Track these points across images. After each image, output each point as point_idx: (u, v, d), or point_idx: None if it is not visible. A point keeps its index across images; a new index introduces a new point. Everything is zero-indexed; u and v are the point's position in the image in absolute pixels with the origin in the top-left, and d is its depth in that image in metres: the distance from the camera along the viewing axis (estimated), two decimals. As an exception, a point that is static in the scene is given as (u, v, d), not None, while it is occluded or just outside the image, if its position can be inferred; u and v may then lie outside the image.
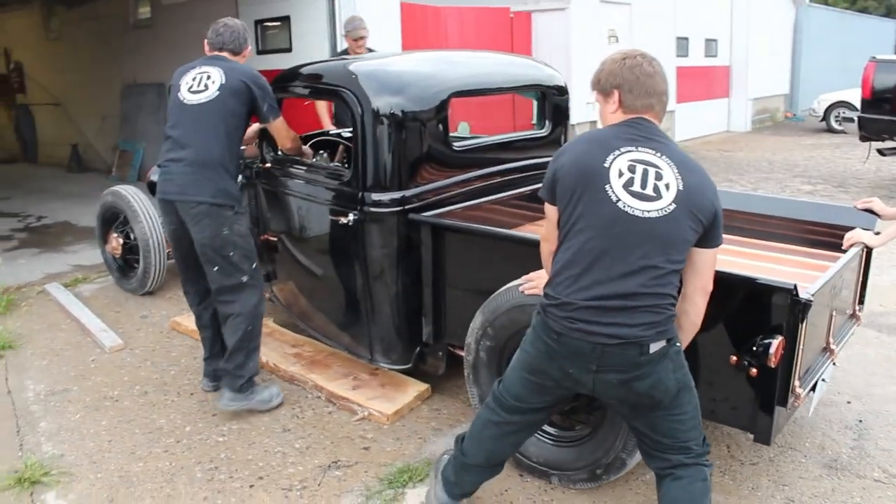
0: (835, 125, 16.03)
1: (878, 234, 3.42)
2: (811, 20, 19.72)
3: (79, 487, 3.20)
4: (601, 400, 2.42)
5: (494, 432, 2.64)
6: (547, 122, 4.37)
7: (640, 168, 2.26)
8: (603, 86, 2.42)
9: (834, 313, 3.09)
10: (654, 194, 2.23)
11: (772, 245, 3.76)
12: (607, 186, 2.24)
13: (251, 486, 3.19)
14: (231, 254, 3.59)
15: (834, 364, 3.18)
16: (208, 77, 3.64)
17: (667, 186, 2.24)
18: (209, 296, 3.80)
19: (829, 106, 16.27)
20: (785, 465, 3.31)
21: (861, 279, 3.54)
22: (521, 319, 2.96)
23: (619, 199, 2.23)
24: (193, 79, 3.66)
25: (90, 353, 4.62)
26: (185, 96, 3.63)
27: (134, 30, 10.98)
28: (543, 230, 2.56)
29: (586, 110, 11.05)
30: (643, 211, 2.22)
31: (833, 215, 3.65)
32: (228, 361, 3.69)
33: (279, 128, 3.85)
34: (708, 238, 2.32)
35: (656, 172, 2.26)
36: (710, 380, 2.71)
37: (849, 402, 3.87)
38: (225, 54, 3.77)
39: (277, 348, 4.40)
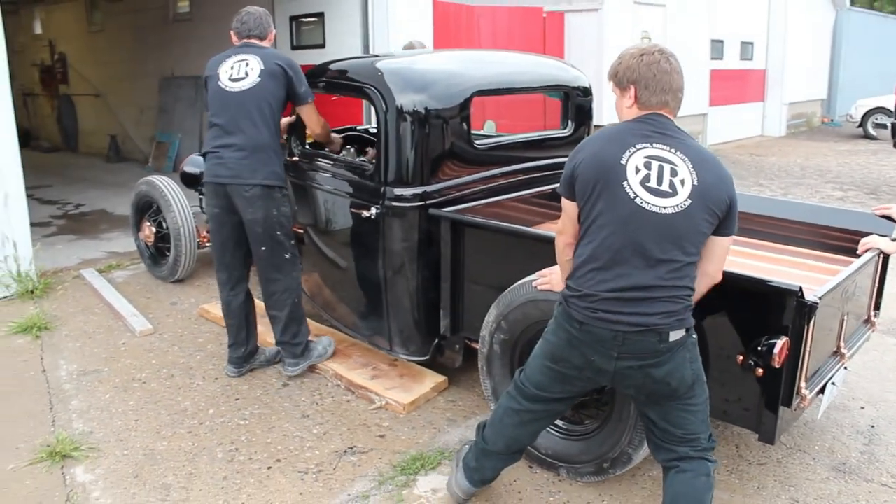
0: (872, 131, 15.82)
1: (895, 240, 3.43)
2: (851, 23, 19.41)
3: (106, 463, 3.34)
4: (619, 390, 2.48)
5: (514, 420, 2.72)
6: (570, 122, 4.43)
7: (655, 164, 2.32)
8: (620, 80, 2.46)
9: (846, 318, 3.11)
10: (670, 190, 2.30)
11: (788, 249, 3.79)
12: (625, 183, 2.31)
13: (269, 468, 3.30)
14: (278, 233, 3.84)
15: (846, 368, 3.21)
16: (247, 64, 3.78)
17: (682, 182, 2.31)
18: (241, 283, 4.05)
19: (867, 112, 16.04)
20: (793, 467, 3.34)
21: (877, 285, 3.55)
22: (534, 314, 3.06)
23: (636, 196, 2.30)
24: (232, 67, 3.80)
25: (121, 336, 4.78)
26: (228, 84, 3.77)
27: (173, 23, 11.20)
28: (559, 224, 2.62)
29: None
30: (660, 207, 2.29)
31: (851, 221, 3.66)
32: (284, 334, 4.00)
33: (311, 112, 4.00)
34: (722, 227, 2.40)
35: (671, 169, 2.32)
36: (717, 378, 2.76)
37: (862, 408, 3.89)
38: (254, 41, 3.91)
39: None
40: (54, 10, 14.04)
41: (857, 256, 3.38)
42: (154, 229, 5.72)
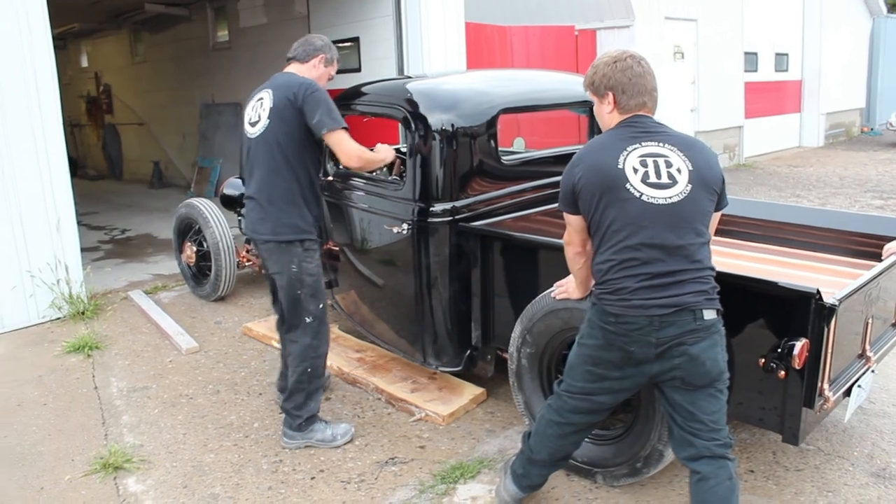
0: (912, 140, 15.61)
1: None
2: (889, 31, 19.14)
3: (156, 474, 3.48)
4: (659, 381, 2.53)
5: (556, 431, 2.81)
6: (595, 135, 4.52)
7: (650, 161, 2.46)
8: (597, 88, 2.61)
9: (871, 321, 3.13)
10: (670, 181, 2.44)
11: (814, 255, 3.84)
12: (628, 185, 2.43)
13: (312, 479, 3.40)
14: (298, 292, 3.51)
15: (873, 372, 3.22)
16: (261, 104, 3.50)
17: (678, 171, 2.45)
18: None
19: (907, 120, 15.83)
20: (831, 473, 3.34)
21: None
22: (555, 324, 3.16)
23: (641, 194, 2.42)
24: (252, 108, 3.57)
25: (168, 354, 4.94)
26: (247, 129, 3.57)
27: (213, 52, 11.54)
28: (566, 236, 2.75)
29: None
30: (666, 198, 2.42)
31: (877, 226, 3.70)
32: (287, 401, 3.64)
33: (337, 140, 3.39)
34: (719, 203, 2.60)
35: (665, 161, 2.47)
36: (741, 381, 2.81)
37: (903, 414, 3.87)
38: (291, 66, 3.61)
39: (342, 353, 4.62)
40: (100, 43, 14.55)
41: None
42: (195, 248, 5.92)
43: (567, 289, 3.02)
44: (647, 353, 2.45)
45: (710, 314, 2.44)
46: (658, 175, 2.44)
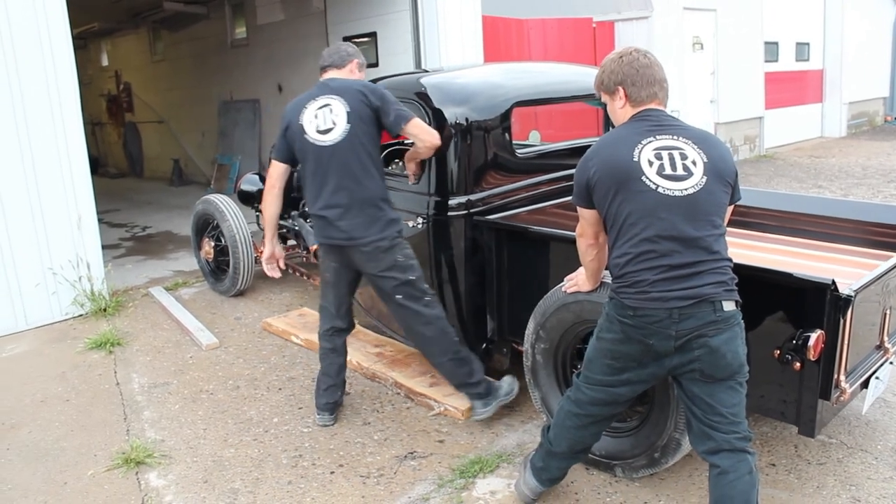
0: (937, 129, 15.39)
1: None
2: (913, 19, 18.87)
3: (177, 469, 3.51)
4: (678, 374, 2.52)
5: (575, 423, 2.81)
6: (610, 129, 4.49)
7: (665, 153, 2.46)
8: (607, 85, 2.63)
9: (889, 312, 3.10)
10: (685, 173, 2.44)
11: (833, 246, 3.80)
12: (643, 178, 2.43)
13: (332, 473, 3.42)
14: (411, 277, 3.59)
15: (891, 363, 3.18)
16: (331, 111, 3.48)
17: (693, 163, 2.45)
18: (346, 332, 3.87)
19: (933, 108, 15.61)
20: (854, 466, 3.31)
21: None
22: (567, 318, 3.17)
23: (657, 186, 2.42)
24: (316, 116, 3.50)
25: (188, 350, 4.98)
26: (316, 138, 3.48)
27: (231, 49, 11.60)
28: (579, 228, 2.76)
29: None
30: (682, 190, 2.42)
31: (894, 216, 3.65)
32: (462, 379, 3.70)
33: (418, 129, 3.52)
34: (734, 196, 2.58)
35: (681, 153, 2.46)
36: (757, 373, 2.79)
37: (928, 407, 3.82)
38: (330, 72, 3.65)
39: (361, 348, 4.63)
40: (119, 42, 14.67)
41: None
42: (213, 244, 5.96)
43: (577, 282, 3.03)
44: (667, 346, 2.44)
45: (729, 306, 2.42)
46: (674, 167, 2.44)
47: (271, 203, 3.78)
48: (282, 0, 10.21)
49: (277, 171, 3.72)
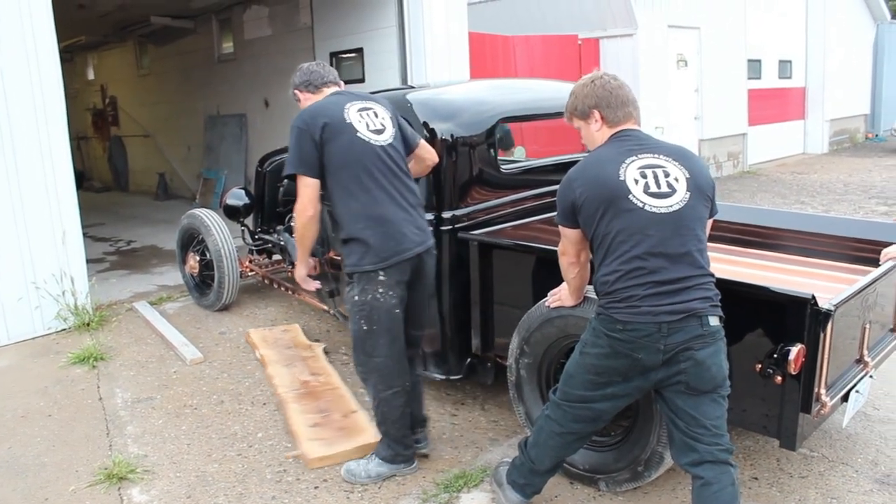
0: (917, 145, 15.63)
1: None
2: (893, 37, 19.17)
3: (160, 484, 3.49)
4: (663, 388, 2.55)
5: (558, 442, 2.84)
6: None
7: (649, 172, 2.52)
8: (581, 110, 2.69)
9: (868, 326, 3.14)
10: (670, 190, 2.50)
11: (813, 261, 3.86)
12: (630, 196, 2.48)
13: (316, 488, 3.41)
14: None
15: (871, 377, 3.22)
16: (376, 115, 3.29)
17: (676, 180, 2.52)
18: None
19: (912, 125, 15.84)
20: (835, 479, 3.34)
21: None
22: (551, 332, 3.19)
23: (644, 204, 2.47)
24: (365, 116, 3.25)
25: (173, 365, 4.96)
26: (371, 137, 3.20)
27: (218, 63, 11.61)
28: (561, 246, 2.79)
29: (655, 134, 11.07)
30: (668, 207, 2.48)
31: (874, 232, 3.73)
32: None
33: (427, 148, 3.53)
34: (711, 211, 2.65)
35: (663, 171, 2.53)
36: (739, 386, 2.82)
37: (908, 421, 3.86)
38: (334, 88, 3.43)
39: (300, 371, 4.56)
40: (106, 56, 14.66)
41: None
42: (198, 258, 5.95)
43: (561, 297, 3.06)
44: (655, 360, 2.47)
45: (714, 320, 2.48)
46: (658, 185, 2.50)
47: (312, 228, 3.23)
48: (269, 15, 10.25)
49: (313, 191, 3.15)
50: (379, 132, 3.23)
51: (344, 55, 9.02)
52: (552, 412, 2.81)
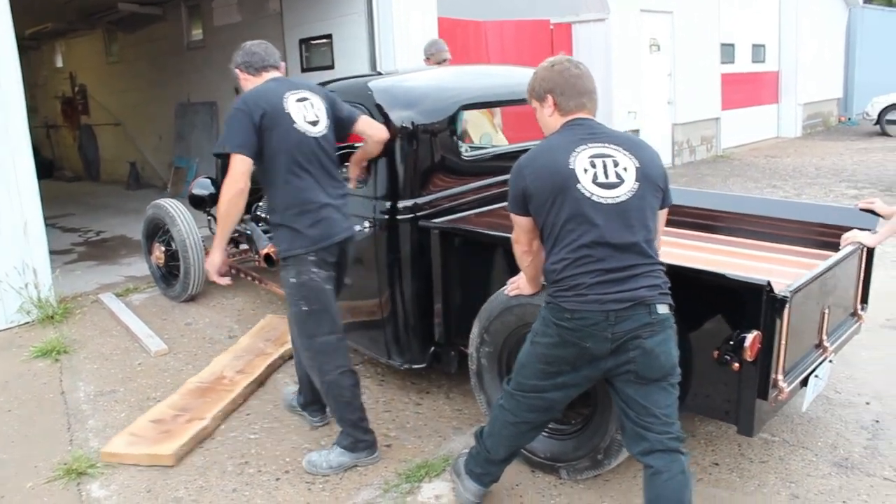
0: (888, 129, 15.74)
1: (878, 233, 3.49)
2: (865, 21, 19.28)
3: (120, 479, 3.45)
4: (612, 377, 2.55)
5: (513, 431, 2.83)
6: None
7: (599, 161, 2.50)
8: (538, 93, 2.67)
9: (828, 311, 3.16)
10: (618, 180, 2.49)
11: (775, 246, 3.87)
12: (578, 185, 2.47)
13: (277, 480, 3.39)
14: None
15: (830, 362, 3.25)
16: (311, 105, 3.36)
17: (625, 169, 2.51)
18: None
19: (884, 109, 15.95)
20: (794, 463, 3.36)
21: (863, 278, 3.59)
22: (511, 321, 3.18)
23: (592, 194, 2.46)
24: (302, 107, 3.32)
25: (137, 357, 4.90)
26: (308, 129, 3.28)
27: (188, 51, 11.45)
28: (514, 234, 2.76)
29: (627, 119, 11.12)
30: (615, 197, 2.47)
31: (836, 217, 3.73)
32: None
33: (368, 121, 3.59)
34: (664, 200, 2.63)
35: (613, 161, 2.51)
36: (697, 373, 2.85)
37: (868, 403, 3.89)
38: (274, 72, 3.46)
39: (231, 368, 4.47)
40: (74, 43, 14.41)
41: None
42: (163, 248, 5.89)
43: (519, 285, 3.04)
44: (603, 349, 2.46)
45: (663, 308, 2.47)
46: (606, 175, 2.49)
47: (239, 203, 3.19)
48: (238, 2, 10.12)
49: (245, 167, 3.16)
50: (314, 123, 3.32)
51: (313, 41, 8.93)
52: (506, 402, 2.80)
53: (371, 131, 3.59)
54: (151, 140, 12.67)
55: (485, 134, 5.34)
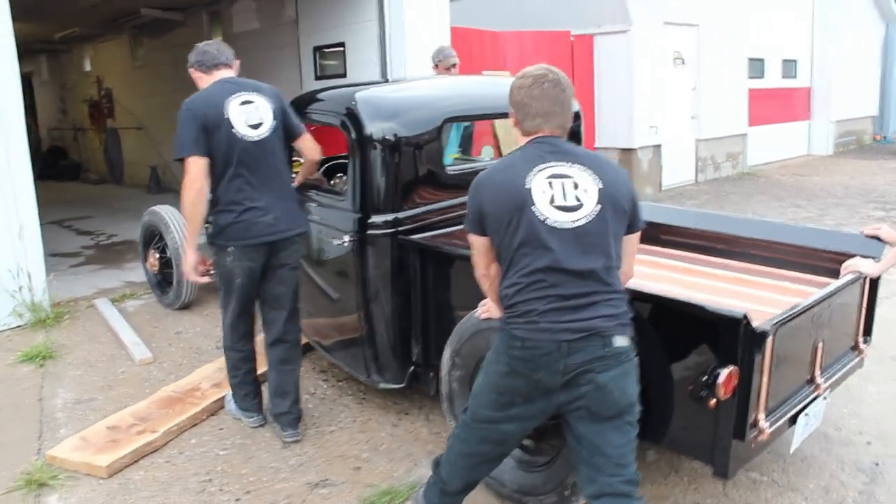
0: (924, 148, 15.30)
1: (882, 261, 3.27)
2: (903, 38, 18.78)
3: (80, 492, 3.36)
4: (564, 412, 2.40)
5: (467, 462, 2.69)
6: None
7: (557, 183, 2.34)
8: (509, 104, 2.53)
9: (821, 345, 2.95)
10: (577, 203, 2.32)
11: (775, 272, 3.64)
12: (534, 208, 2.31)
13: (237, 500, 3.27)
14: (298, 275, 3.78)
15: (824, 398, 3.04)
16: (256, 107, 3.52)
17: (585, 191, 2.34)
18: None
19: (920, 128, 15.50)
20: (780, 506, 3.16)
21: (866, 309, 3.36)
22: (481, 344, 3.00)
23: (546, 218, 2.30)
24: (244, 111, 3.48)
25: (121, 365, 4.83)
26: (247, 132, 3.46)
27: (208, 57, 11.43)
28: (473, 257, 2.61)
29: (648, 134, 10.91)
30: (573, 221, 2.30)
31: (840, 242, 3.50)
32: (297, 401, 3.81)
33: (308, 140, 3.76)
34: (632, 224, 2.46)
35: (573, 182, 2.34)
36: (673, 409, 2.66)
37: (869, 443, 3.66)
38: (224, 70, 3.66)
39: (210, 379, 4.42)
40: (102, 48, 14.57)
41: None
42: (158, 255, 5.85)
43: (489, 308, 2.86)
44: (554, 382, 2.30)
45: (621, 341, 2.30)
46: (565, 197, 2.32)
47: (201, 202, 3.42)
48: (256, 9, 10.11)
49: (200, 167, 3.41)
50: (256, 126, 3.49)
51: (327, 49, 8.87)
52: (461, 431, 2.65)
53: (307, 152, 3.80)
54: (172, 145, 12.69)
55: (485, 147, 5.21)
